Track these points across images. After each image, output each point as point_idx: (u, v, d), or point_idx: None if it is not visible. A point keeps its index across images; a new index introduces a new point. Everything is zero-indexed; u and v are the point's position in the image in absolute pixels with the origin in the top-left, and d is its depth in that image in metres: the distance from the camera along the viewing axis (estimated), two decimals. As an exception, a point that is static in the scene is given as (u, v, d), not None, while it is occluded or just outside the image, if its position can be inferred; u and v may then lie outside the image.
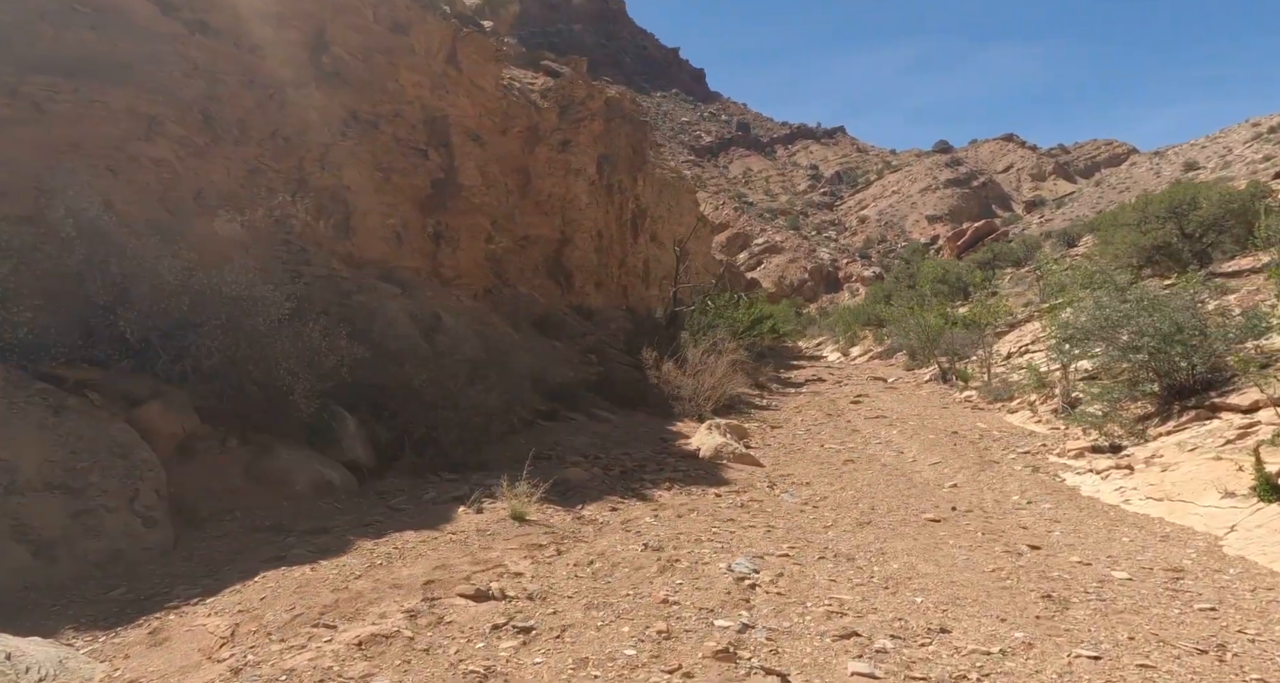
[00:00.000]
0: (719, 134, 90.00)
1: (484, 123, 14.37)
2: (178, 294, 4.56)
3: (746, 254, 62.93)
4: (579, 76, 20.40)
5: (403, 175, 11.96)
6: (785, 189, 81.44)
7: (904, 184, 76.81)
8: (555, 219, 18.92)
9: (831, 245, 66.62)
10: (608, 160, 23.95)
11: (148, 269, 4.34)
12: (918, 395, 15.07)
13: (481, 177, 14.26)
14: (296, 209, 10.07)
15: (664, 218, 32.70)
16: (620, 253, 25.30)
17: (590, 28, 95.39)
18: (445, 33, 12.40)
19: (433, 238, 13.32)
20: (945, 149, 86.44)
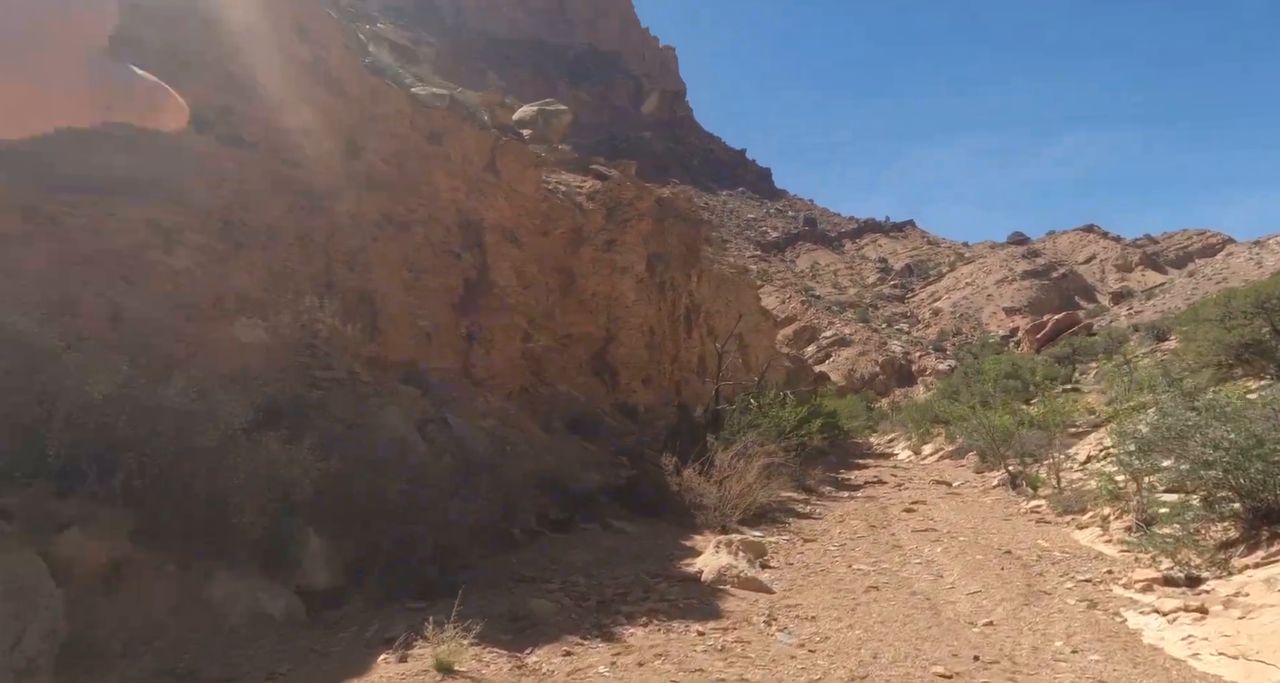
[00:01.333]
0: (785, 229, 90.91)
1: (523, 224, 14.71)
2: (114, 409, 4.45)
3: (814, 347, 61.84)
4: (627, 179, 20.93)
5: (434, 276, 12.19)
6: (854, 282, 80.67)
7: (978, 276, 74.94)
8: (600, 317, 18.93)
9: (904, 338, 64.82)
10: (660, 258, 24.16)
11: (78, 383, 4.26)
12: (980, 504, 13.79)
13: (518, 276, 14.46)
14: (324, 312, 10.28)
15: (721, 313, 32.52)
16: (673, 349, 25.08)
17: (659, 134, 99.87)
18: (484, 141, 12.91)
19: (465, 338, 13.41)
20: (1021, 240, 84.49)
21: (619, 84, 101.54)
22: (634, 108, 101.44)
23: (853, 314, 67.63)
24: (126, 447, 4.52)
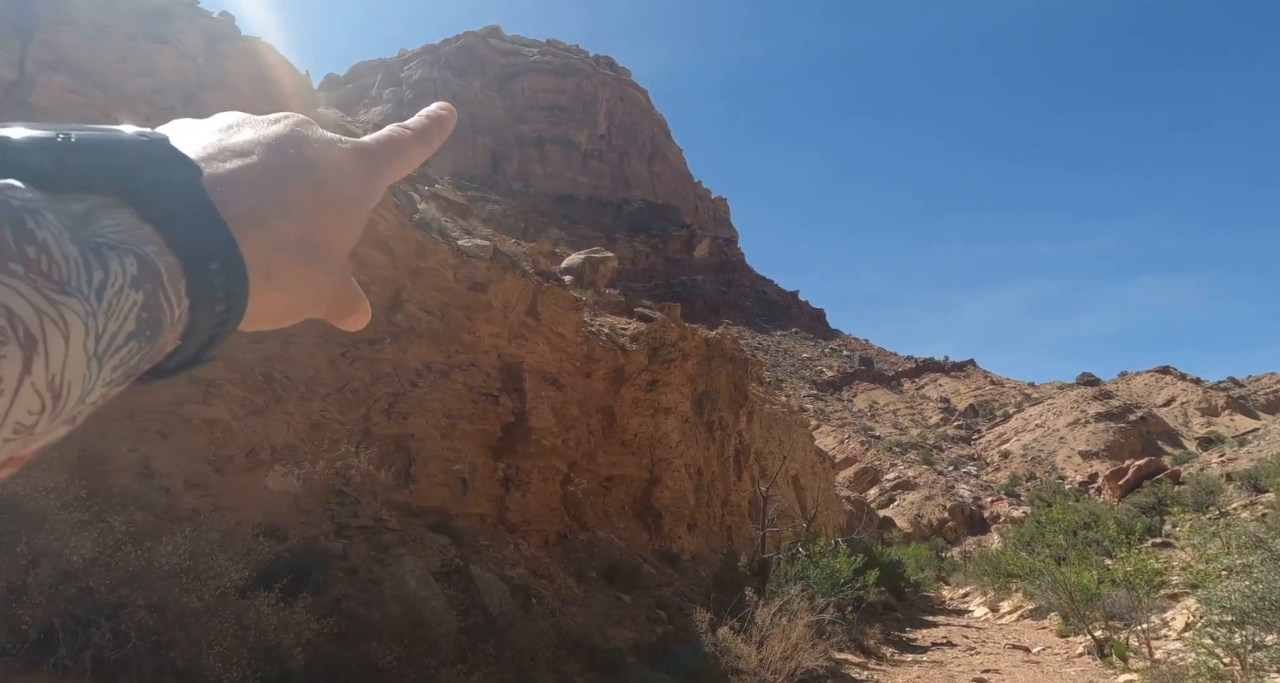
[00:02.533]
0: (841, 369, 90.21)
1: (564, 367, 14.90)
2: (98, 572, 4.35)
3: (877, 490, 59.12)
4: (671, 320, 21.29)
5: (471, 421, 12.26)
6: (915, 422, 78.27)
7: (1048, 417, 71.86)
8: (643, 458, 18.59)
9: (972, 482, 61.51)
10: (708, 397, 24.02)
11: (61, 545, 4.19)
12: (1062, 676, 12.25)
13: (558, 419, 14.44)
14: (359, 459, 10.33)
15: (773, 453, 31.66)
16: (722, 491, 24.29)
17: (711, 278, 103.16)
18: (525, 288, 13.41)
19: (502, 482, 13.23)
20: (1091, 381, 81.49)
21: (673, 234, 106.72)
22: (688, 255, 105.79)
23: (916, 456, 64.98)
24: (106, 613, 4.37)
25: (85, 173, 0.34)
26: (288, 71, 10.76)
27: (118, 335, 0.33)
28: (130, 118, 8.93)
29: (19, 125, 0.34)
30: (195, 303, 0.37)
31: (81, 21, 7.69)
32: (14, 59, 7.13)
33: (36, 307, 0.29)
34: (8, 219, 0.29)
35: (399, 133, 0.55)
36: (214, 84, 9.03)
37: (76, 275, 0.31)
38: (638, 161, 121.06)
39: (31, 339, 0.29)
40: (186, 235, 0.36)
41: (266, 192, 0.42)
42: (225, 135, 0.44)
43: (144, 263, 0.34)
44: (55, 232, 0.31)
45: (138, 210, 0.35)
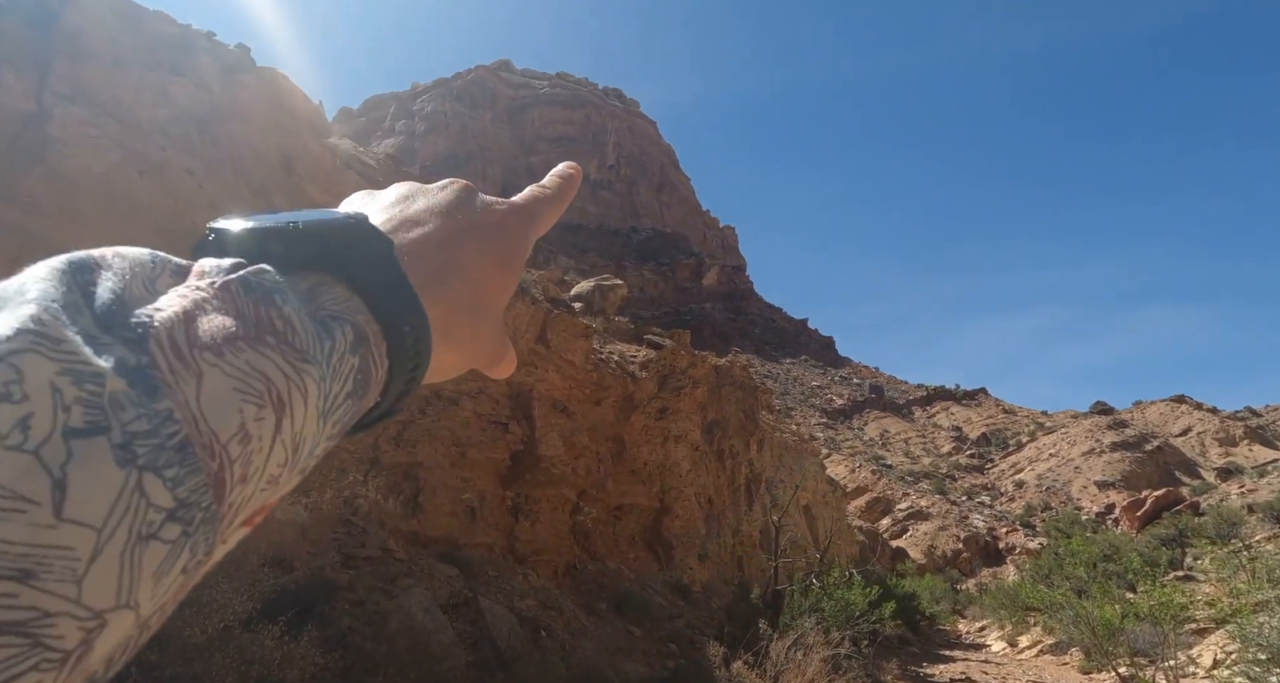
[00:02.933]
0: (851, 397, 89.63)
1: (573, 394, 14.80)
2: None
3: (890, 520, 58.30)
4: (681, 347, 21.21)
5: (480, 449, 12.14)
6: (927, 451, 77.41)
7: (1062, 446, 70.96)
8: (653, 487, 18.37)
9: (986, 512, 60.57)
10: (718, 425, 23.83)
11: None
12: (1089, 716, 11.85)
13: (567, 447, 14.30)
14: (367, 488, 10.22)
15: (784, 482, 31.30)
16: (733, 521, 23.95)
17: (720, 306, 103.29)
18: (535, 315, 13.39)
19: (511, 511, 13.06)
20: (1105, 410, 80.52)
21: (682, 262, 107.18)
22: (697, 283, 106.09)
23: (929, 485, 64.16)
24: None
25: (309, 255, 0.39)
26: (302, 101, 10.89)
27: (339, 395, 0.37)
28: (143, 145, 9.05)
29: (259, 217, 0.40)
30: (393, 363, 0.41)
31: (101, 53, 7.82)
32: (32, 91, 7.24)
33: (286, 374, 0.33)
34: (263, 299, 0.35)
35: (540, 193, 0.60)
36: (229, 114, 9.13)
37: (313, 345, 0.35)
38: (646, 191, 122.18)
39: (282, 403, 0.33)
40: (386, 304, 0.40)
41: (442, 257, 0.47)
42: (403, 207, 0.50)
43: (358, 331, 0.38)
44: (296, 308, 0.36)
45: (349, 284, 0.40)
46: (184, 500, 0.28)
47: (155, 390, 0.28)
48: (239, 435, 0.31)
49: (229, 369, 0.31)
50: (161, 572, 0.27)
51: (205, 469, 0.29)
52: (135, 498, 0.26)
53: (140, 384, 0.28)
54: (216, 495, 0.30)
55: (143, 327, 0.30)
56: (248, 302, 0.34)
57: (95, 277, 0.31)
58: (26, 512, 0.24)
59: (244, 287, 0.34)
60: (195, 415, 0.29)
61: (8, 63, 7.10)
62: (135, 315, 0.30)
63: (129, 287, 0.32)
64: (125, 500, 0.26)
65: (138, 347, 0.29)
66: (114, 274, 0.32)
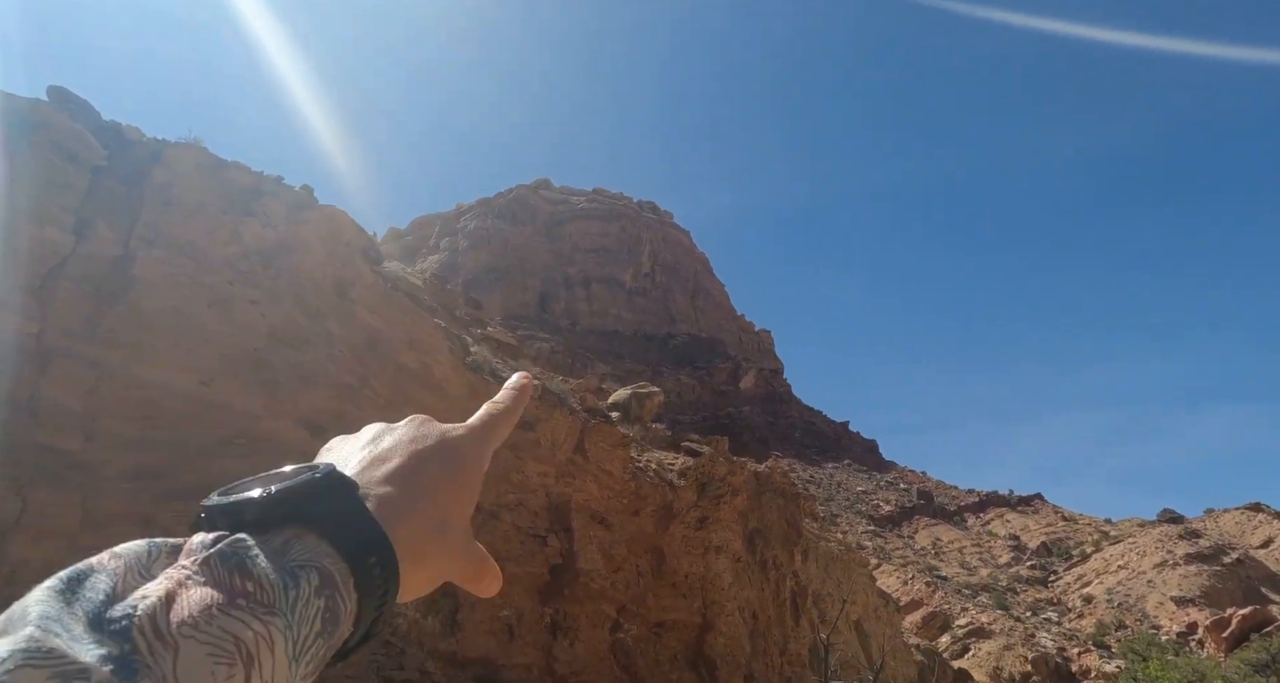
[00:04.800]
0: (899, 503, 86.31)
1: (611, 504, 14.73)
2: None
3: (949, 637, 54.53)
4: (719, 454, 21.06)
5: (519, 563, 12.06)
6: (984, 562, 73.29)
7: (1131, 557, 66.64)
8: (695, 601, 17.77)
9: (1054, 629, 56.39)
10: (760, 535, 23.19)
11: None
12: None
13: (606, 559, 14.08)
14: (406, 606, 10.18)
15: (832, 595, 29.92)
16: (780, 638, 22.80)
17: (758, 409, 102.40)
18: (573, 425, 13.59)
19: (549, 629, 12.76)
20: (1175, 518, 75.85)
21: (718, 366, 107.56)
22: (734, 387, 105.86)
23: (989, 599, 60.29)
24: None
25: (285, 514, 0.47)
26: (357, 233, 11.77)
27: (308, 637, 0.43)
28: (213, 280, 9.83)
29: (250, 485, 0.49)
30: (361, 594, 0.48)
31: (183, 201, 8.71)
32: (121, 238, 8.08)
33: (255, 631, 0.39)
34: (236, 566, 0.42)
35: (494, 408, 0.68)
36: (291, 247, 9.92)
37: (280, 598, 0.42)
38: (681, 297, 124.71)
39: (251, 658, 0.38)
40: (352, 543, 0.48)
41: (409, 486, 0.55)
42: (373, 447, 0.58)
43: (324, 574, 0.45)
44: (265, 567, 0.42)
45: (318, 532, 0.47)
46: None
47: (135, 674, 0.34)
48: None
49: (203, 637, 0.37)
50: None
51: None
52: None
53: (123, 670, 0.34)
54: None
55: (127, 619, 0.36)
56: (223, 571, 0.41)
57: (87, 583, 0.38)
58: None
59: (220, 558, 0.42)
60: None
61: (103, 216, 7.98)
62: (121, 610, 0.37)
63: (121, 582, 0.39)
64: None
65: (122, 637, 0.35)
66: (106, 576, 0.39)
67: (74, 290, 7.79)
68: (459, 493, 0.59)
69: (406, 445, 0.58)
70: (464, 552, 0.59)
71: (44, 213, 7.63)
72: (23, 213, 7.70)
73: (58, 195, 7.76)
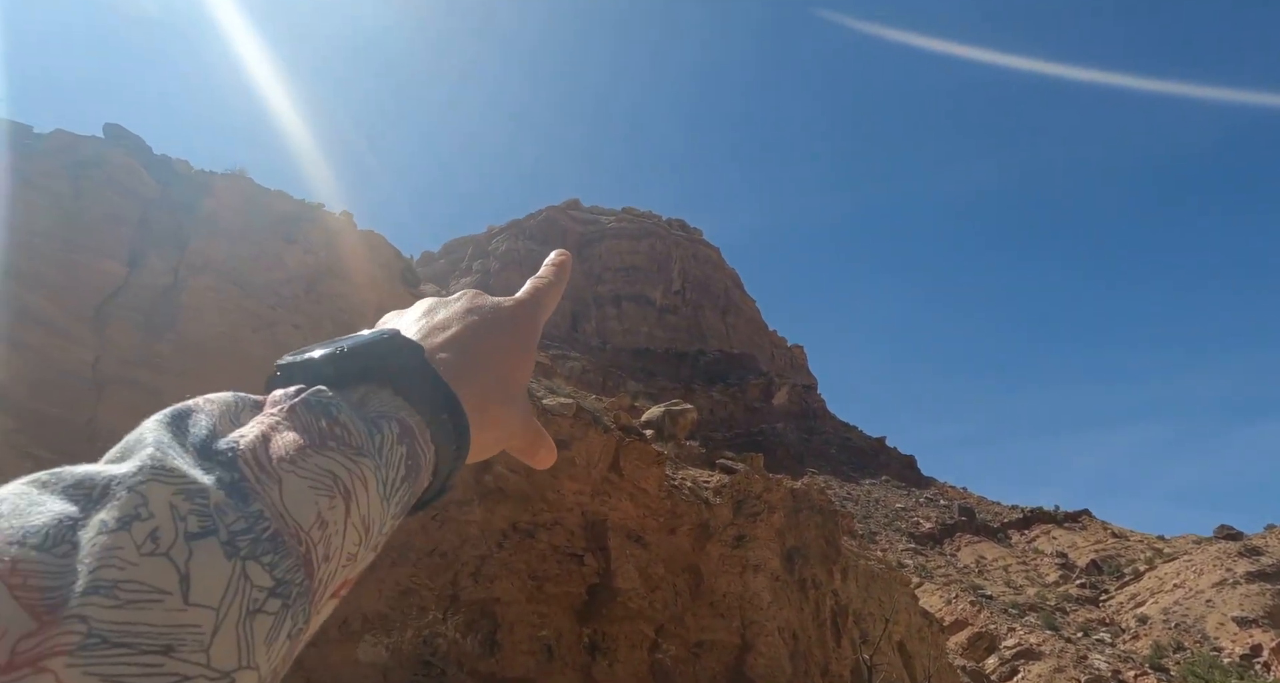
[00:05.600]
0: (940, 520, 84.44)
1: (647, 523, 14.67)
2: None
3: (996, 659, 52.91)
4: (755, 471, 20.89)
5: (557, 583, 12.06)
6: (1031, 580, 71.17)
7: (1188, 576, 64.17)
8: (733, 621, 17.56)
9: (1108, 651, 54.37)
10: (798, 553, 22.87)
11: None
12: None
13: (643, 579, 14.01)
14: (446, 627, 10.24)
15: (874, 615, 29.30)
16: (821, 659, 22.38)
17: (793, 426, 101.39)
18: (607, 443, 13.61)
19: (588, 649, 12.71)
20: (1232, 535, 72.92)
21: (751, 383, 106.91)
22: (767, 403, 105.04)
23: (1037, 619, 58.43)
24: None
25: (358, 371, 0.50)
26: (395, 257, 12.04)
27: (395, 481, 0.46)
28: (257, 306, 10.14)
29: (318, 347, 0.52)
30: (438, 447, 0.51)
31: (228, 230, 9.04)
32: (170, 267, 8.41)
33: (348, 468, 0.42)
34: (322, 413, 0.44)
35: (540, 283, 0.71)
36: (331, 273, 10.19)
37: (366, 442, 0.45)
38: (712, 314, 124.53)
39: (348, 492, 0.42)
40: (425, 399, 0.51)
41: (468, 353, 0.58)
42: (429, 318, 0.60)
43: (403, 425, 0.48)
44: (349, 415, 0.45)
45: (393, 388, 0.50)
46: (281, 579, 0.37)
47: (247, 497, 0.38)
48: (318, 523, 0.40)
49: (302, 473, 0.40)
50: (271, 638, 0.36)
51: (295, 553, 0.38)
52: (242, 582, 0.35)
53: (235, 494, 0.37)
54: (308, 573, 0.39)
55: (231, 450, 0.40)
56: (310, 418, 0.43)
57: (191, 420, 0.42)
58: (163, 601, 0.32)
59: (305, 407, 0.44)
60: (281, 512, 0.38)
61: (154, 246, 8.32)
62: (225, 443, 0.40)
63: (218, 423, 0.42)
64: (235, 585, 0.35)
65: (230, 467, 0.39)
66: (205, 416, 0.42)
67: (127, 319, 8.12)
68: (516, 360, 0.61)
69: (463, 316, 0.61)
70: (523, 419, 0.62)
71: (101, 246, 7.99)
72: (79, 245, 8.06)
73: (112, 227, 8.13)
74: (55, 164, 8.49)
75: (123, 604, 0.32)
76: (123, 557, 0.33)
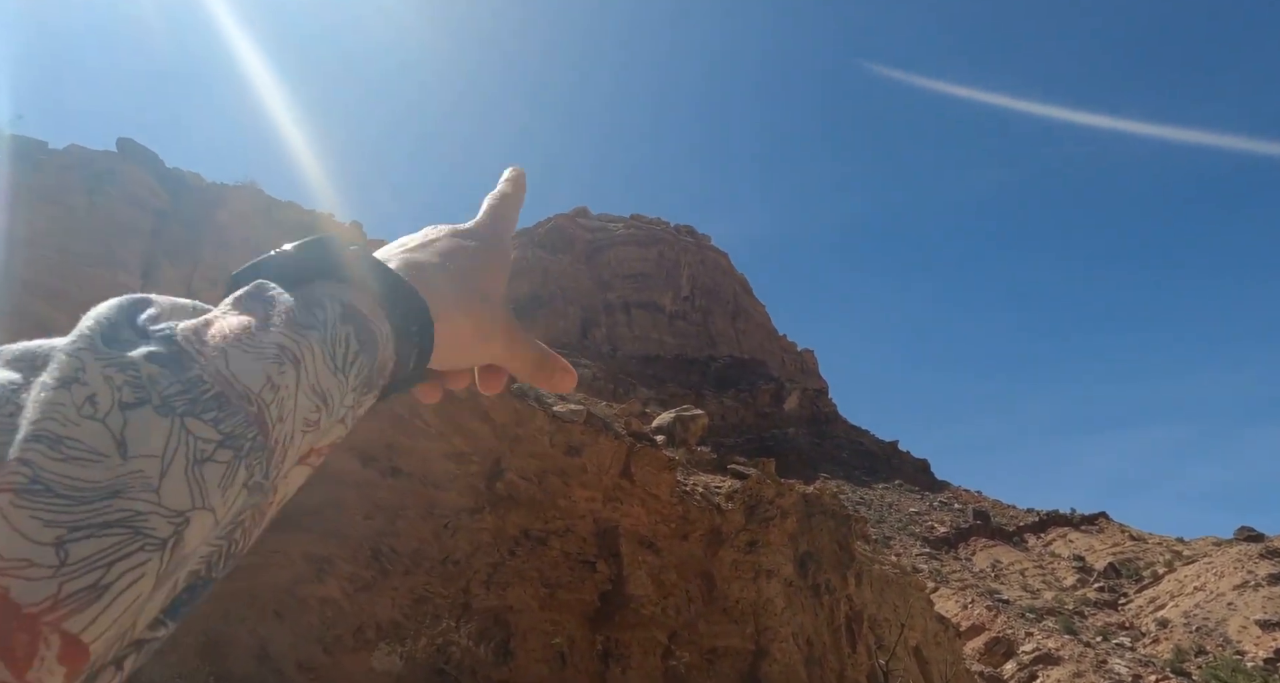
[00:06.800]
0: (954, 524, 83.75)
1: (659, 529, 14.63)
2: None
3: (1014, 664, 52.35)
4: (767, 476, 20.80)
5: (569, 590, 12.04)
6: (1048, 584, 70.43)
7: (1208, 579, 63.33)
8: (747, 627, 17.47)
9: (1128, 655, 53.67)
10: (812, 558, 22.73)
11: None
12: None
13: (656, 585, 13.96)
14: (459, 635, 10.23)
15: (889, 620, 29.05)
16: (836, 665, 22.21)
17: (804, 430, 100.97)
18: (619, 450, 13.60)
19: (601, 657, 12.67)
20: (1254, 537, 71.86)
21: (762, 388, 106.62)
22: (778, 408, 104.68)
23: (1055, 623, 57.79)
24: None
25: (308, 269, 0.52)
26: (405, 266, 12.08)
27: (349, 355, 0.48)
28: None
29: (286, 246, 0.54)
30: (394, 325, 0.53)
31: (241, 240, 9.12)
32: (184, 279, 8.51)
33: (294, 339, 0.45)
34: (265, 300, 0.47)
35: (495, 197, 0.74)
36: (343, 281, 10.25)
37: (310, 318, 0.47)
38: (721, 320, 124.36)
39: (296, 359, 0.44)
40: (373, 284, 0.53)
41: (425, 249, 0.61)
42: (394, 244, 0.64)
43: (346, 306, 0.50)
44: (290, 300, 0.48)
45: (338, 280, 0.52)
46: (229, 433, 0.39)
47: (184, 365, 0.39)
48: (268, 386, 0.42)
49: (248, 346, 0.42)
50: (225, 484, 0.38)
51: (243, 411, 0.40)
52: (183, 434, 0.37)
53: (171, 364, 0.39)
54: (261, 430, 0.40)
55: (169, 329, 0.41)
56: (254, 303, 0.46)
57: (143, 307, 0.43)
58: (101, 460, 0.35)
59: (249, 296, 0.47)
60: (228, 377, 0.40)
61: (168, 259, 8.40)
62: (165, 324, 0.42)
63: (166, 313, 0.44)
64: (176, 437, 0.37)
65: (166, 341, 0.40)
66: (156, 307, 0.44)
67: (141, 330, 8.10)
68: (480, 259, 0.64)
69: (422, 235, 0.64)
70: (509, 325, 0.64)
71: (113, 258, 8.08)
72: (94, 258, 8.15)
73: (126, 240, 8.22)
74: (70, 178, 8.61)
75: (66, 459, 0.34)
76: (63, 414, 0.35)
